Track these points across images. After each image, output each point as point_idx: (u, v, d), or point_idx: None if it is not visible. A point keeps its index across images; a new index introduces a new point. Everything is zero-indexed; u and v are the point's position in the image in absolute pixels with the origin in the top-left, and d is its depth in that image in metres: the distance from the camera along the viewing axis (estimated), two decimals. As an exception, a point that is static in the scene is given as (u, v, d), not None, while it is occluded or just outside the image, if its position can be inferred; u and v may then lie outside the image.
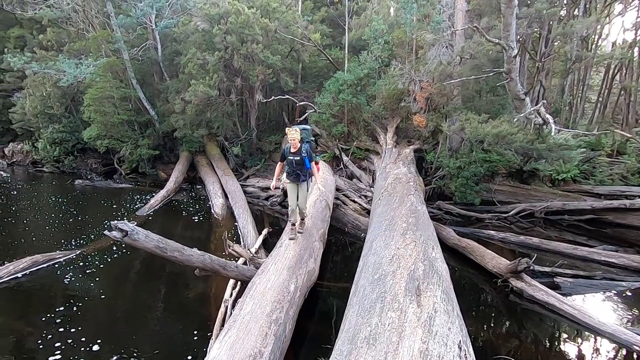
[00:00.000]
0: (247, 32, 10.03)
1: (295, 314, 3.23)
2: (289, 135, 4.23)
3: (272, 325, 2.72)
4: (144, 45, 12.07)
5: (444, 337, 1.94)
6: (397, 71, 9.25)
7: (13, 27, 14.61)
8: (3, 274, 4.49)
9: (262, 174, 11.57)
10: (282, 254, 3.87)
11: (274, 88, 11.94)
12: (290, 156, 4.32)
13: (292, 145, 4.30)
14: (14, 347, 3.43)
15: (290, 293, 3.24)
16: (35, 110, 12.94)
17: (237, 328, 2.61)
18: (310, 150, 4.38)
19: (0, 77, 14.41)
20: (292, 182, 4.41)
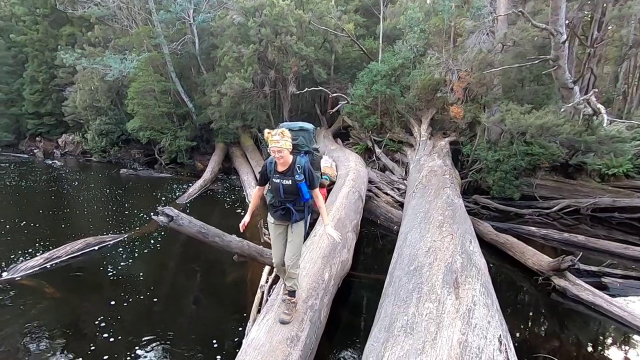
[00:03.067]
0: (282, 24, 10.10)
1: (330, 301, 3.29)
2: (271, 144, 2.50)
3: (307, 311, 2.79)
4: (182, 40, 12.49)
5: (483, 329, 1.91)
6: (433, 60, 8.97)
7: (65, 25, 15.59)
8: (61, 253, 4.91)
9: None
10: (316, 243, 3.93)
11: (306, 80, 11.98)
12: (276, 178, 2.62)
13: (276, 159, 2.56)
14: (71, 320, 3.77)
15: (325, 281, 3.30)
16: (85, 104, 13.82)
17: (274, 312, 2.71)
18: (311, 168, 2.65)
19: (55, 72, 15.46)
20: (278, 222, 2.74)
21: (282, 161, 2.52)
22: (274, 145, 2.44)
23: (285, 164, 2.57)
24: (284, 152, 2.46)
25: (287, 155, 2.51)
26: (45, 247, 5.22)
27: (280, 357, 2.29)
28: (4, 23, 16.65)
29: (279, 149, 2.45)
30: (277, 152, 2.46)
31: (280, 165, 2.59)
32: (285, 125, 2.69)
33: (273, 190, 2.67)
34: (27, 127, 17.04)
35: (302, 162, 2.60)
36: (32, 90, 16.19)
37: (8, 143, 17.46)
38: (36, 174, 11.53)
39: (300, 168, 2.57)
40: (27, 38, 15.70)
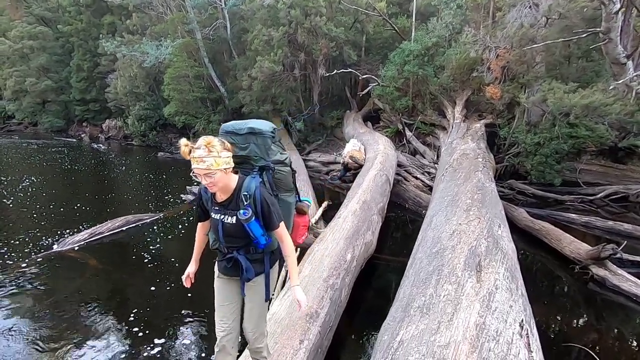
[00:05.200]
0: (311, 5, 9.94)
1: (351, 282, 3.32)
2: (193, 164, 1.64)
3: (328, 290, 2.84)
4: (214, 25, 12.67)
5: (503, 313, 1.85)
6: (470, 38, 8.48)
7: (105, 14, 16.30)
8: (104, 229, 5.29)
9: (323, 148, 11.71)
10: (340, 224, 3.95)
11: (336, 62, 11.79)
12: (215, 212, 1.81)
13: (207, 186, 1.71)
14: (111, 290, 4.08)
15: (347, 262, 3.32)
16: (125, 90, 14.52)
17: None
18: (267, 197, 1.75)
19: (98, 60, 16.31)
20: (224, 276, 1.94)
21: (216, 188, 1.67)
22: (197, 166, 1.59)
23: (225, 190, 1.72)
24: (216, 174, 1.61)
25: (222, 179, 1.65)
26: (89, 223, 5.63)
27: (299, 331, 2.35)
28: (52, 14, 17.70)
29: (206, 171, 1.59)
30: (203, 176, 1.61)
31: (220, 194, 1.74)
32: (228, 126, 1.86)
33: (213, 229, 1.86)
34: (75, 113, 18.23)
35: (251, 186, 1.71)
36: (78, 78, 17.21)
37: (59, 128, 18.80)
38: (85, 158, 12.37)
39: (247, 197, 1.68)
40: (73, 28, 16.60)
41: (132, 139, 15.06)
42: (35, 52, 17.22)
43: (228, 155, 1.67)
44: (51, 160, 11.49)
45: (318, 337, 2.43)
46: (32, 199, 7.08)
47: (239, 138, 1.84)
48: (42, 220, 5.91)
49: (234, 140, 1.82)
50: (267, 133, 1.84)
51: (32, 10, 17.50)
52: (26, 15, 17.49)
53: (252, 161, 1.84)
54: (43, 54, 17.29)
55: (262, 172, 1.83)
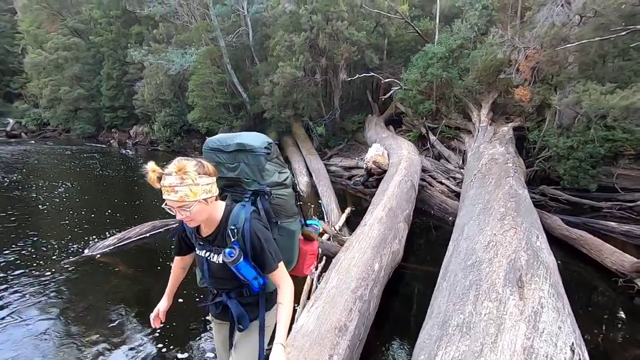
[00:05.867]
0: (333, 10, 9.94)
1: (379, 292, 3.23)
2: (164, 194, 1.31)
3: (356, 302, 2.76)
4: (237, 32, 12.89)
5: (552, 335, 1.72)
6: (497, 39, 8.23)
7: (134, 25, 16.87)
8: (132, 234, 5.41)
9: (344, 153, 11.65)
10: (366, 232, 3.86)
11: (357, 66, 11.74)
12: (200, 247, 1.54)
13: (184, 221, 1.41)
14: (140, 295, 4.15)
15: (375, 272, 3.24)
16: (151, 97, 14.97)
17: (323, 300, 2.71)
18: (258, 231, 1.41)
19: (126, 69, 16.90)
20: (217, 319, 1.72)
21: (195, 223, 1.39)
22: (169, 198, 1.29)
23: (209, 223, 1.44)
24: (193, 207, 1.30)
25: (202, 212, 1.34)
26: (119, 228, 5.78)
27: (328, 345, 2.28)
28: (84, 26, 18.51)
29: (180, 204, 1.29)
30: (177, 209, 1.31)
31: (204, 228, 1.48)
32: (213, 142, 1.55)
33: (198, 266, 1.62)
34: (104, 120, 18.93)
35: (239, 218, 1.40)
36: (107, 86, 17.88)
37: (89, 135, 19.58)
38: (115, 163, 12.79)
39: (234, 232, 1.38)
40: (103, 39, 17.28)
41: (158, 144, 15.47)
42: (69, 62, 18.04)
43: (208, 182, 1.33)
44: (84, 165, 11.94)
45: (348, 351, 2.36)
46: (66, 204, 7.35)
47: (225, 156, 1.52)
48: (75, 225, 6.11)
49: (220, 159, 1.52)
50: (260, 150, 1.49)
51: (67, 23, 18.37)
52: (61, 27, 18.37)
53: (243, 184, 1.51)
54: (76, 64, 18.10)
55: (257, 198, 1.49)
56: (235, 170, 1.53)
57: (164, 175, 1.29)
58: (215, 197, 1.41)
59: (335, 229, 4.97)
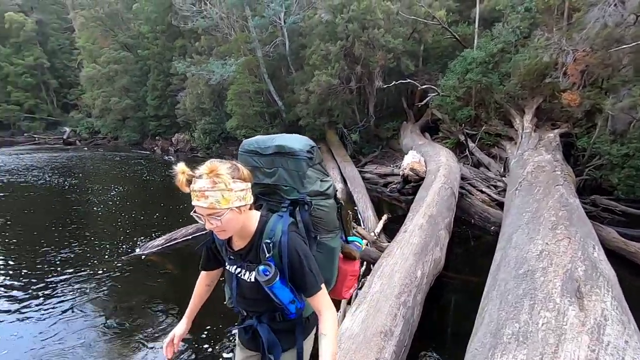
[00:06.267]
0: (369, 18, 10.02)
1: (422, 300, 3.19)
2: (193, 200, 1.13)
3: (400, 307, 2.75)
4: (274, 42, 13.29)
5: (619, 350, 1.63)
6: (542, 42, 7.92)
7: (177, 38, 17.87)
8: (178, 236, 5.70)
9: (379, 160, 11.60)
10: (407, 239, 3.83)
11: (393, 73, 11.69)
12: (230, 262, 1.36)
13: (214, 232, 1.21)
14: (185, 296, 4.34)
15: (418, 279, 3.20)
16: (192, 106, 15.72)
17: (367, 305, 2.72)
18: (298, 246, 1.22)
19: (170, 80, 17.90)
20: (243, 345, 1.51)
21: (226, 234, 1.22)
22: (198, 204, 1.13)
23: (242, 235, 1.27)
24: (225, 215, 1.14)
25: (234, 221, 1.18)
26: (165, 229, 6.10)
27: (374, 349, 2.29)
28: (133, 41, 19.86)
29: (210, 211, 1.13)
30: (206, 217, 1.14)
31: (237, 240, 1.31)
32: (250, 143, 1.41)
33: (227, 283, 1.43)
34: (149, 128, 20.10)
35: (275, 231, 1.23)
36: (152, 96, 19.01)
37: (135, 142, 20.85)
38: (160, 169, 13.53)
39: (270, 247, 1.22)
40: (150, 52, 18.44)
41: (198, 151, 16.18)
42: (118, 74, 19.41)
43: (243, 188, 1.17)
44: (132, 171, 12.74)
45: (393, 356, 2.35)
46: (118, 206, 7.88)
47: (263, 160, 1.36)
48: (126, 226, 6.53)
49: (257, 163, 1.36)
50: (301, 154, 1.31)
51: (118, 38, 19.81)
52: (113, 43, 19.83)
53: (281, 192, 1.33)
54: (125, 76, 19.42)
55: (295, 208, 1.31)
56: (273, 176, 1.34)
57: (194, 178, 1.13)
58: (250, 206, 1.23)
59: (374, 235, 4.96)
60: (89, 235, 6.15)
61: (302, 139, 1.40)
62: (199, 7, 14.05)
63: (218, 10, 14.03)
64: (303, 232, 1.29)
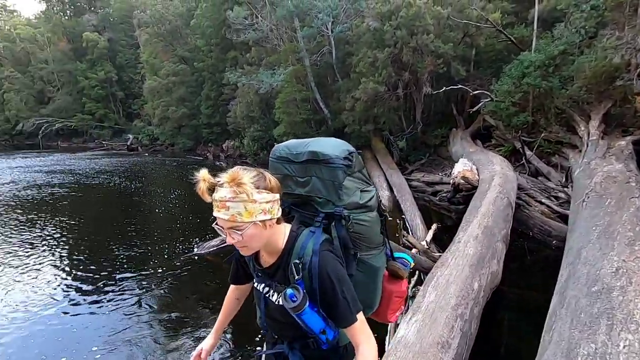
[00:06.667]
0: (418, 24, 9.90)
1: (479, 313, 3.07)
2: (215, 210, 1.03)
3: (457, 319, 2.67)
4: (321, 51, 13.58)
5: None
6: (612, 42, 7.31)
7: (230, 50, 18.87)
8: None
9: (426, 168, 11.31)
10: (461, 250, 3.71)
11: (441, 78, 11.40)
12: (258, 279, 1.24)
13: (237, 247, 1.09)
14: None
15: (474, 291, 3.09)
16: (242, 114, 16.46)
17: (422, 314, 2.69)
18: (329, 269, 1.06)
19: (222, 90, 18.91)
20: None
21: (249, 251, 1.12)
22: (219, 215, 1.02)
23: (270, 251, 1.16)
24: (247, 229, 1.02)
25: (257, 237, 1.06)
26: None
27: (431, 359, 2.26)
28: (190, 54, 21.30)
29: (231, 224, 1.02)
30: (227, 230, 1.04)
31: (261, 252, 1.19)
32: (281, 150, 1.29)
33: (256, 301, 1.30)
34: (202, 135, 21.34)
35: (305, 250, 1.09)
36: (206, 105, 20.19)
37: (189, 148, 22.23)
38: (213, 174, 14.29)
39: (299, 268, 1.08)
40: (205, 64, 19.66)
41: (247, 157, 16.87)
42: (176, 85, 20.89)
43: (268, 200, 1.04)
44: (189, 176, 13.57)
45: (452, 369, 2.30)
46: (177, 208, 8.47)
47: (295, 167, 1.22)
48: (185, 228, 6.99)
49: (288, 171, 1.23)
50: (337, 161, 1.15)
51: (177, 52, 21.38)
52: (172, 56, 21.44)
53: (315, 204, 1.19)
54: (182, 87, 20.86)
55: (331, 223, 1.16)
56: (306, 186, 1.20)
57: (216, 186, 1.03)
58: (278, 219, 1.10)
59: (425, 245, 4.85)
60: (151, 234, 6.67)
61: (339, 144, 1.24)
62: (250, 21, 14.78)
63: (268, 23, 14.66)
64: (339, 250, 1.14)
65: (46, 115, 26.72)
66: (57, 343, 3.61)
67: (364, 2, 12.30)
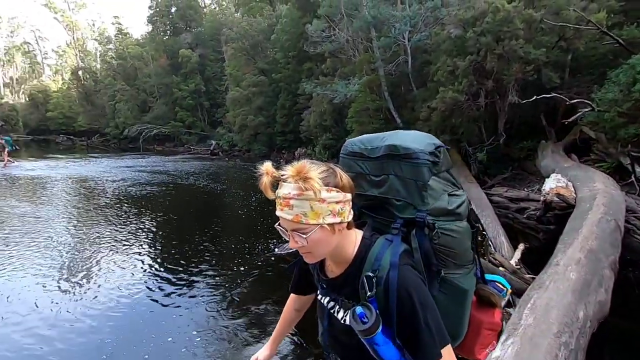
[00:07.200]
0: (506, 29, 9.33)
1: (585, 345, 2.78)
2: (278, 209, 0.92)
3: (561, 348, 2.46)
4: (396, 61, 13.50)
5: None
6: None
7: (306, 62, 19.73)
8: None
9: (508, 183, 10.50)
10: (560, 273, 3.40)
11: (529, 86, 10.52)
12: (322, 292, 1.09)
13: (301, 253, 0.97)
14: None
15: (580, 320, 2.81)
16: (315, 123, 17.03)
17: (519, 337, 2.53)
18: (417, 292, 0.88)
19: (296, 100, 19.82)
20: None
21: (313, 258, 0.97)
22: (282, 214, 0.92)
23: (337, 259, 1.01)
24: (312, 233, 0.90)
25: (324, 243, 0.93)
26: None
27: (533, 387, 2.12)
28: (269, 66, 22.73)
29: (295, 225, 0.90)
30: (290, 233, 0.93)
31: (328, 261, 1.07)
32: (354, 144, 1.15)
33: (318, 315, 1.15)
34: (276, 143, 22.52)
35: (381, 262, 0.92)
36: (281, 114, 21.30)
37: (264, 154, 23.53)
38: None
39: (372, 283, 0.90)
40: (282, 75, 20.81)
41: (318, 164, 17.39)
42: (255, 96, 22.42)
43: (339, 200, 0.91)
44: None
45: (557, 401, 2.13)
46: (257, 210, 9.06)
47: (369, 165, 1.09)
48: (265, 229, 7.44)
49: (361, 169, 1.10)
50: (421, 156, 1.00)
51: (257, 65, 22.98)
52: (253, 69, 23.09)
53: (392, 208, 1.03)
54: (260, 97, 22.32)
55: (411, 231, 0.99)
56: (382, 186, 1.05)
57: (280, 180, 0.92)
58: (349, 224, 0.96)
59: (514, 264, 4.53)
60: (234, 233, 7.24)
61: (424, 137, 1.07)
62: (328, 33, 15.31)
63: (345, 34, 15.04)
64: (420, 266, 0.96)
65: (146, 122, 30.63)
66: (139, 326, 4.01)
67: (445, 10, 11.99)
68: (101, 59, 46.85)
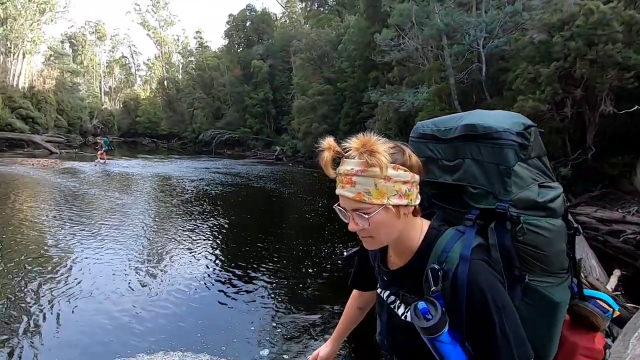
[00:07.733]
0: (600, 32, 8.50)
1: None
2: (338, 187, 0.84)
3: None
4: (469, 69, 12.97)
5: None
6: None
7: (371, 71, 19.85)
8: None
9: (597, 202, 9.45)
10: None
11: (625, 95, 9.41)
12: (382, 285, 0.98)
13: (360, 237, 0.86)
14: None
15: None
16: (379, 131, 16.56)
17: (622, 367, 2.33)
18: (491, 291, 0.75)
19: (361, 108, 19.99)
20: None
21: (375, 244, 0.87)
22: (342, 192, 0.83)
23: (399, 249, 0.91)
24: (376, 214, 0.80)
25: (389, 227, 0.83)
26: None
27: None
28: (334, 75, 23.28)
29: (356, 204, 0.81)
30: (351, 213, 0.84)
31: (390, 250, 0.96)
32: (425, 126, 1.02)
33: (377, 311, 1.04)
34: (338, 150, 22.86)
35: (449, 253, 0.80)
36: (345, 122, 21.62)
37: (324, 160, 24.06)
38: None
39: (438, 276, 0.78)
40: (347, 84, 21.16)
41: (380, 173, 17.27)
42: (320, 104, 23.06)
43: (406, 180, 0.81)
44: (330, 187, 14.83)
45: None
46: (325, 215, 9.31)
47: (442, 148, 0.96)
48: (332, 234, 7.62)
49: (432, 153, 0.97)
50: (506, 136, 0.85)
51: (323, 74, 23.66)
52: (319, 78, 23.82)
53: (467, 197, 0.90)
54: (325, 105, 22.91)
55: (489, 224, 0.84)
56: (456, 172, 0.91)
57: (342, 156, 0.86)
58: (414, 210, 0.86)
59: (610, 289, 4.11)
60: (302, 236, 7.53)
61: (510, 115, 0.93)
62: (397, 41, 15.27)
63: (414, 42, 14.87)
64: (499, 265, 0.81)
65: (219, 127, 33.18)
66: (219, 315, 4.30)
67: (526, 14, 11.28)
68: (183, 70, 52.12)
